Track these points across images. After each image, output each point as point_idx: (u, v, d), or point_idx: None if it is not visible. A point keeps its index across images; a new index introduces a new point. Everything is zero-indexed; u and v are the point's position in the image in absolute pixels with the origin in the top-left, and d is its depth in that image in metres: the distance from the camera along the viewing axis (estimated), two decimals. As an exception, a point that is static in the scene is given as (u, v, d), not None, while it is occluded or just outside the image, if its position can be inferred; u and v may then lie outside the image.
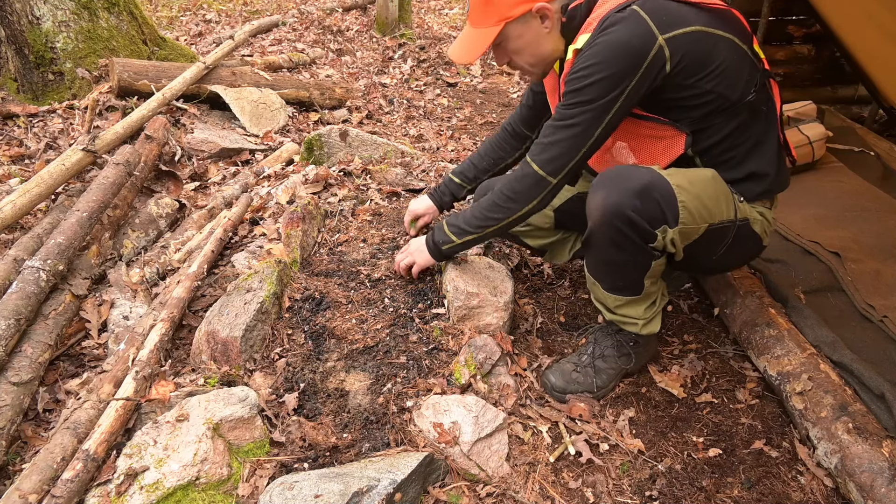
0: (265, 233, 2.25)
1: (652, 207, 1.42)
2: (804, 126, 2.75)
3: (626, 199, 1.42)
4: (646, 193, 1.42)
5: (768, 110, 1.57)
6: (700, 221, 1.49)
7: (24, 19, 3.38)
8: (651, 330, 1.70)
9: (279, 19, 5.93)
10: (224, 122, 3.53)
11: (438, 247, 1.79)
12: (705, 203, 1.49)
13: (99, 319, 1.93)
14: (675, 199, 1.44)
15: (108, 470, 1.34)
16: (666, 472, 1.55)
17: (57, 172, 2.35)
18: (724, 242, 1.60)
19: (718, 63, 1.43)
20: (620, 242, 1.48)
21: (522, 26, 1.51)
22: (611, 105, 1.42)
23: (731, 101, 1.48)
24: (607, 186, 1.46)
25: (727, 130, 1.53)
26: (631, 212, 1.42)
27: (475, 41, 1.53)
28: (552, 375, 1.73)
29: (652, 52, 1.37)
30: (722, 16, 1.49)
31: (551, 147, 1.49)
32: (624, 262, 1.55)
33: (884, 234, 2.28)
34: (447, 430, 1.49)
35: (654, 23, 1.37)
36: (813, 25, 3.21)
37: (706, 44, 1.43)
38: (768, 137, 1.58)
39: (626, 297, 1.63)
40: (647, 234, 1.45)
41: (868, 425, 1.46)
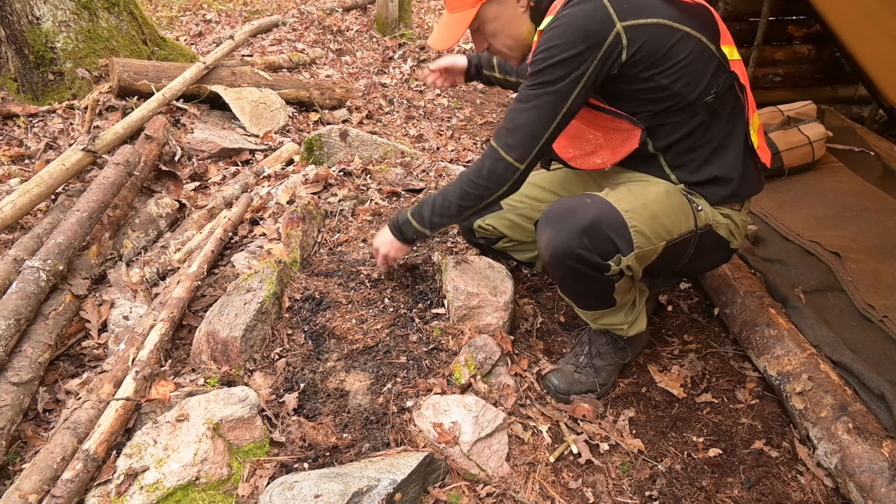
0: (265, 233, 2.25)
1: (601, 242, 1.42)
2: (804, 126, 2.75)
3: (574, 239, 1.42)
4: (593, 229, 1.42)
5: (733, 113, 1.54)
6: (657, 241, 1.49)
7: (24, 19, 3.38)
8: (638, 329, 1.69)
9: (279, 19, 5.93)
10: (224, 122, 3.53)
11: (403, 233, 1.75)
12: (661, 221, 1.48)
13: (99, 319, 1.93)
14: (625, 227, 1.43)
15: (108, 470, 1.34)
16: (666, 472, 1.55)
17: (57, 172, 2.35)
18: (687, 253, 1.59)
19: (679, 59, 1.42)
20: (575, 276, 1.49)
21: (498, 6, 1.51)
22: (572, 88, 1.40)
23: (689, 101, 1.46)
24: (554, 225, 1.46)
25: (686, 130, 1.52)
26: (580, 250, 1.42)
27: (453, 25, 1.53)
28: (555, 378, 1.73)
29: (609, 37, 1.36)
30: (691, 11, 1.47)
31: (516, 132, 1.48)
32: (586, 289, 1.57)
33: (884, 234, 2.28)
34: (447, 430, 1.49)
35: (614, 9, 1.37)
36: (813, 25, 3.21)
37: (667, 38, 1.41)
38: (731, 141, 1.55)
39: (601, 310, 1.63)
40: (599, 266, 1.45)
41: (868, 425, 1.46)
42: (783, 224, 2.43)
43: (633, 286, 1.66)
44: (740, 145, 1.56)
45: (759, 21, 3.09)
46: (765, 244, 2.36)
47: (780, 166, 2.71)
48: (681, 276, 1.91)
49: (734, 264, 2.12)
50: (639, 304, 1.69)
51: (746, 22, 3.16)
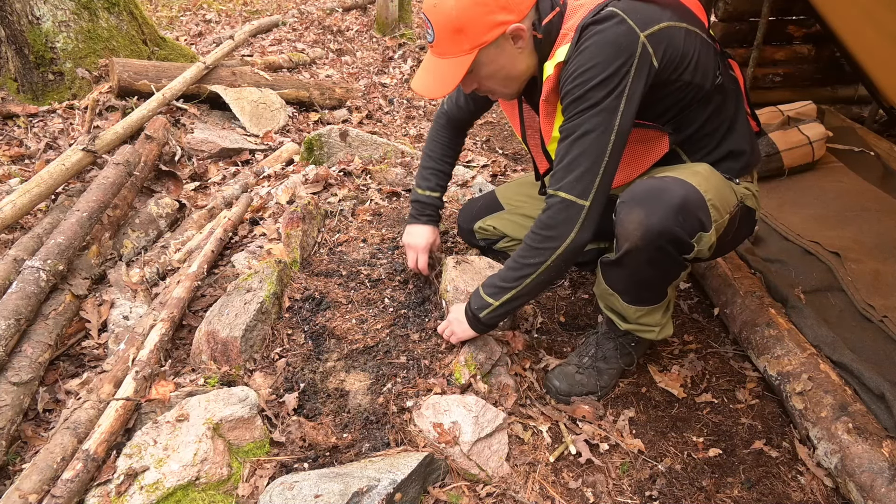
0: (265, 233, 2.25)
1: (691, 220, 1.39)
2: (804, 126, 2.75)
3: (670, 218, 1.36)
4: (686, 207, 1.37)
5: (735, 88, 1.59)
6: (724, 213, 1.50)
7: (24, 19, 3.38)
8: (666, 334, 1.68)
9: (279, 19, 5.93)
10: (224, 122, 3.53)
11: (476, 315, 1.59)
12: (723, 193, 1.50)
13: (99, 319, 1.93)
14: (705, 202, 1.41)
15: (108, 470, 1.34)
16: (666, 472, 1.55)
17: (57, 172, 2.35)
18: (733, 227, 1.60)
19: (692, 54, 1.42)
20: (660, 260, 1.44)
21: (496, 50, 1.41)
22: (617, 104, 1.34)
23: (706, 90, 1.48)
24: (646, 205, 1.38)
25: (704, 117, 1.53)
26: (676, 228, 1.37)
27: (448, 72, 1.41)
28: (556, 379, 1.73)
29: (639, 49, 1.33)
30: (680, 9, 1.47)
31: (571, 166, 1.38)
32: (657, 276, 1.53)
33: (884, 234, 2.28)
34: (447, 430, 1.49)
35: (633, 22, 1.34)
36: (813, 25, 3.21)
37: (679, 37, 1.41)
38: (739, 115, 1.59)
39: (648, 306, 1.61)
40: (686, 246, 1.42)
41: (868, 425, 1.46)
42: (783, 224, 2.43)
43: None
44: (745, 116, 1.61)
45: (759, 21, 3.09)
46: (765, 244, 2.36)
47: (780, 166, 2.72)
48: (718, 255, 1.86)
49: (734, 264, 2.12)
50: (671, 307, 1.69)
51: (746, 22, 3.16)
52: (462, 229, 2.10)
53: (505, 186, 2.08)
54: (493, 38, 1.37)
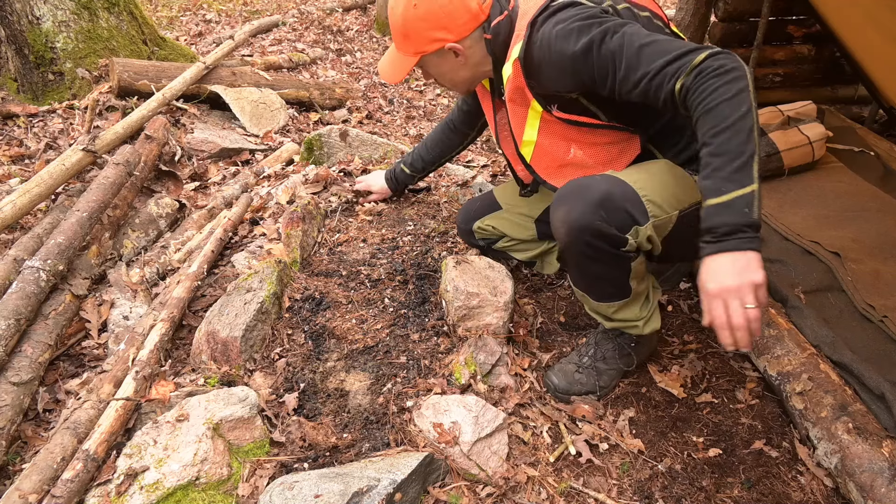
0: (265, 233, 2.25)
1: (617, 213, 1.42)
2: (804, 126, 2.75)
3: (590, 212, 1.40)
4: (608, 201, 1.41)
5: None
6: (670, 210, 1.50)
7: (24, 19, 3.38)
8: (653, 327, 1.69)
9: (279, 19, 5.93)
10: (224, 122, 3.53)
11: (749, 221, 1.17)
12: (671, 191, 1.50)
13: (99, 319, 1.93)
14: (638, 198, 1.44)
15: (108, 470, 1.35)
16: (666, 472, 1.55)
17: (57, 172, 2.35)
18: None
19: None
20: (593, 255, 1.47)
21: (438, 58, 1.59)
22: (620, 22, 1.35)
23: None
24: (568, 201, 1.45)
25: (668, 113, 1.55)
26: (598, 222, 1.41)
27: (398, 65, 1.62)
28: (555, 377, 1.74)
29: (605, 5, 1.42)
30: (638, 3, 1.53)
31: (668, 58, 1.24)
32: (604, 272, 1.55)
33: (884, 234, 2.28)
34: (447, 430, 1.49)
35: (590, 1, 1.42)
36: (813, 25, 3.21)
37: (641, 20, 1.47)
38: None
39: (616, 301, 1.62)
40: (618, 240, 1.44)
41: (868, 425, 1.46)
42: (783, 224, 2.43)
43: (647, 276, 1.66)
44: None
45: (759, 21, 3.09)
46: (765, 244, 2.36)
47: (780, 166, 2.71)
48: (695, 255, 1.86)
49: (734, 264, 2.12)
50: (652, 300, 1.69)
51: (746, 22, 3.16)
52: (461, 230, 2.10)
53: (503, 186, 2.08)
54: (433, 50, 1.56)
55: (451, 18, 1.52)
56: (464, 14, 1.52)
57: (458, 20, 1.52)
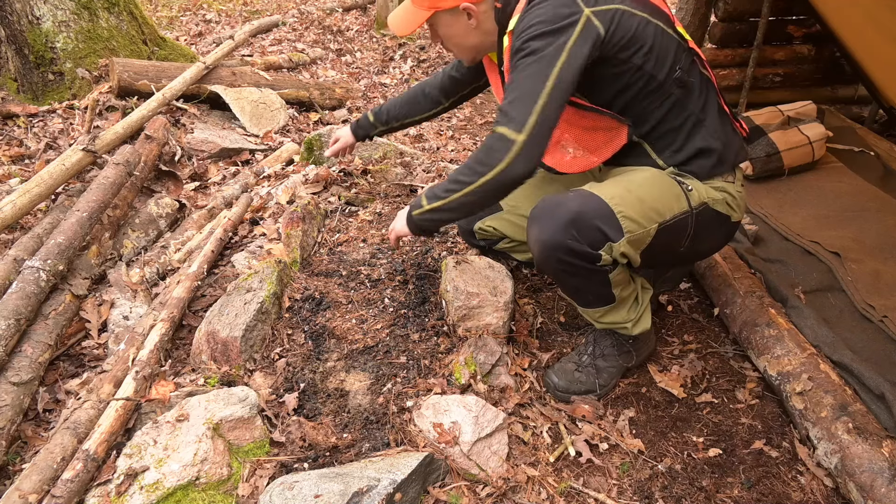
0: (265, 233, 2.25)
1: (589, 231, 1.44)
2: (804, 126, 2.75)
3: (561, 231, 1.43)
4: (579, 220, 1.43)
5: (701, 85, 1.58)
6: (648, 224, 1.50)
7: (24, 19, 3.38)
8: (643, 328, 1.70)
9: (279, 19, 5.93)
10: (224, 122, 3.53)
11: (410, 213, 1.67)
12: (650, 205, 1.50)
13: (99, 319, 1.93)
14: (612, 214, 1.45)
15: (108, 470, 1.34)
16: (666, 472, 1.55)
17: (57, 172, 2.35)
18: (686, 234, 1.59)
19: (645, 42, 1.47)
20: (569, 270, 1.50)
21: (451, 17, 1.59)
22: (557, 53, 1.39)
23: (660, 80, 1.50)
24: (540, 221, 1.48)
25: (663, 110, 1.55)
26: (569, 241, 1.44)
27: (409, 17, 1.61)
28: (554, 375, 1.74)
29: (581, 20, 1.40)
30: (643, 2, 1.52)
31: (509, 106, 1.44)
32: (582, 284, 1.57)
33: (884, 234, 2.28)
34: (447, 430, 1.49)
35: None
36: (813, 25, 3.21)
37: (631, 22, 1.46)
38: (707, 113, 1.58)
39: (601, 307, 1.64)
40: (591, 256, 1.46)
41: (868, 425, 1.46)
42: (783, 224, 2.43)
43: (633, 281, 1.66)
44: (715, 113, 1.60)
45: (759, 21, 3.09)
46: (765, 244, 2.36)
47: (780, 166, 2.72)
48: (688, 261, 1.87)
49: (734, 264, 2.12)
50: (642, 302, 1.70)
51: (746, 22, 3.16)
52: (463, 230, 2.10)
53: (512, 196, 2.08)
54: (449, 7, 1.56)
55: None
56: None
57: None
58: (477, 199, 1.53)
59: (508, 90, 1.45)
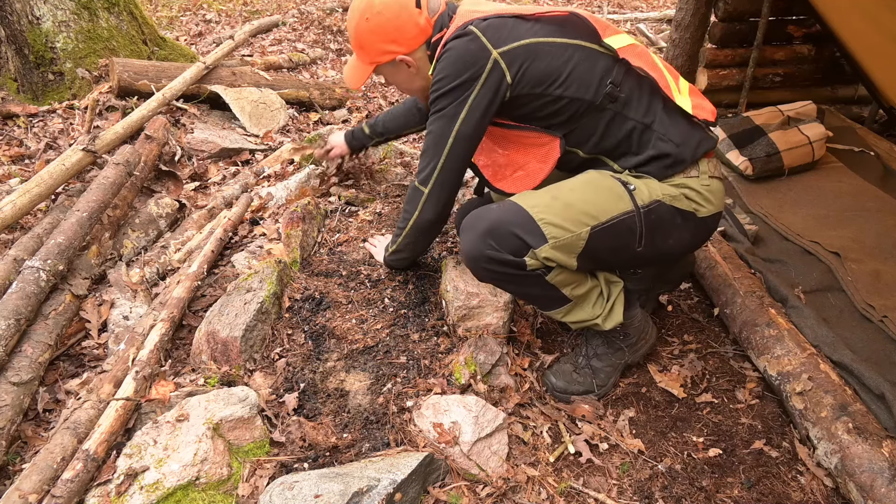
0: (265, 233, 2.25)
1: (506, 239, 1.47)
2: (804, 126, 2.75)
3: (478, 243, 1.49)
4: (495, 230, 1.47)
5: (640, 93, 1.55)
6: (577, 228, 1.48)
7: (24, 19, 3.38)
8: (615, 321, 1.66)
9: (279, 19, 5.93)
10: (224, 122, 3.52)
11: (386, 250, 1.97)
12: (579, 208, 1.48)
13: (99, 319, 1.93)
14: (532, 221, 1.46)
15: (108, 470, 1.34)
16: (666, 472, 1.55)
17: (57, 172, 2.35)
18: (637, 233, 1.54)
19: (563, 70, 1.50)
20: (501, 278, 1.54)
21: (392, 68, 1.69)
22: (457, 111, 1.53)
23: (589, 101, 1.52)
24: (463, 234, 1.55)
25: (602, 126, 1.55)
26: (487, 251, 1.48)
27: (357, 72, 1.71)
28: (553, 377, 1.74)
29: (488, 65, 1.48)
30: (562, 22, 1.55)
31: (421, 158, 1.66)
32: (523, 290, 1.60)
33: (884, 234, 2.28)
34: (447, 430, 1.49)
35: (488, 40, 1.48)
36: (813, 25, 3.21)
37: (546, 54, 1.50)
38: (653, 118, 1.54)
39: (558, 308, 1.63)
40: (515, 263, 1.48)
41: (868, 425, 1.46)
42: (783, 224, 2.43)
43: (587, 279, 1.63)
44: (663, 115, 1.55)
45: (759, 21, 3.09)
46: (765, 244, 2.36)
47: (780, 166, 2.72)
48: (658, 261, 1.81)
49: (734, 264, 2.12)
50: (609, 297, 1.66)
51: (746, 22, 3.16)
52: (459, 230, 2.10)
53: None
54: (386, 61, 1.66)
55: (400, 32, 1.60)
56: (412, 28, 1.61)
57: (407, 34, 1.61)
58: (412, 240, 1.84)
59: (424, 143, 1.65)
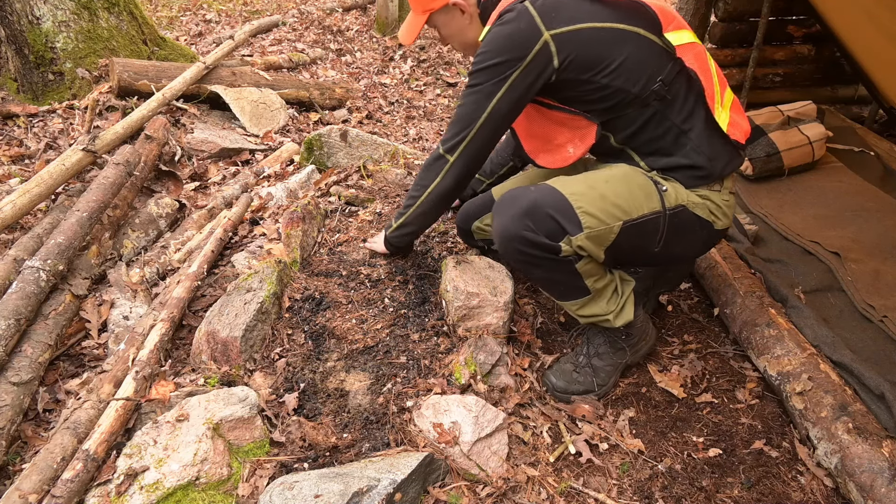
0: (265, 233, 2.25)
1: (544, 222, 1.46)
2: (804, 126, 2.75)
3: (516, 222, 1.47)
4: (534, 211, 1.46)
5: (687, 97, 1.54)
6: (611, 221, 1.49)
7: (24, 19, 3.38)
8: (625, 319, 1.67)
9: (279, 19, 5.93)
10: (224, 122, 3.53)
11: (385, 232, 1.96)
12: (613, 201, 1.49)
13: (99, 319, 1.93)
14: (571, 208, 1.46)
15: (108, 470, 1.34)
16: (666, 472, 1.55)
17: (57, 172, 2.35)
18: (659, 234, 1.56)
19: (615, 58, 1.47)
20: (530, 260, 1.52)
21: (446, 16, 1.68)
22: (494, 90, 1.51)
23: (634, 94, 1.50)
24: (499, 212, 1.53)
25: (641, 121, 1.54)
26: (524, 232, 1.46)
27: (411, 25, 1.73)
28: (553, 376, 1.74)
29: (536, 46, 1.45)
30: (625, 8, 1.52)
31: (449, 127, 1.64)
32: (549, 275, 1.58)
33: (884, 234, 2.28)
34: (447, 430, 1.49)
35: (541, 19, 1.45)
36: (813, 25, 3.21)
37: (600, 40, 1.47)
38: (692, 125, 1.54)
39: (579, 299, 1.63)
40: (549, 247, 1.47)
41: (868, 425, 1.46)
42: (783, 224, 2.43)
43: (606, 273, 1.64)
44: (701, 128, 1.56)
45: (759, 21, 3.09)
46: (765, 244, 2.36)
47: (780, 166, 2.72)
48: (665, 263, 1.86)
49: (734, 264, 2.12)
50: (622, 294, 1.67)
51: (746, 22, 3.16)
52: (460, 230, 2.10)
53: (501, 186, 2.08)
54: (440, 6, 1.65)
55: None
56: None
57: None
58: (426, 210, 1.79)
59: (455, 111, 1.62)
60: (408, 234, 1.92)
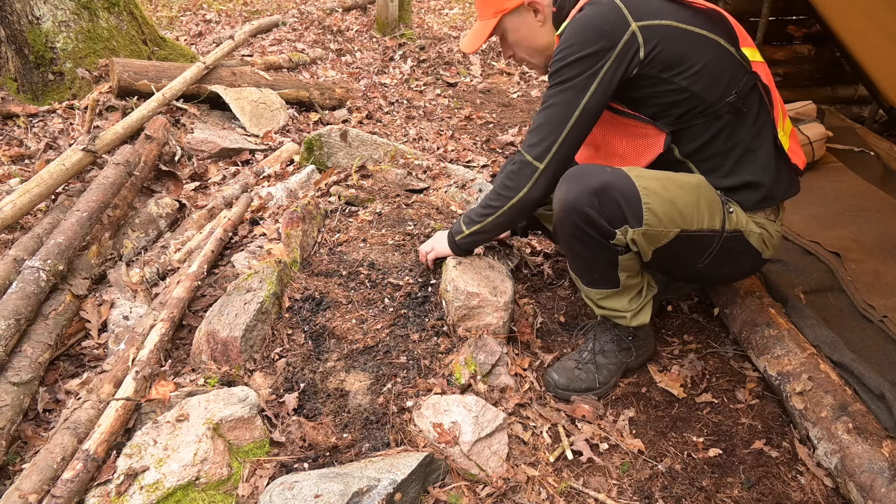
0: (265, 233, 2.25)
1: (610, 205, 1.44)
2: (804, 126, 2.75)
3: (584, 197, 1.44)
4: (605, 191, 1.43)
5: (759, 114, 1.54)
6: (670, 225, 1.48)
7: (24, 19, 3.38)
8: (641, 321, 1.68)
9: (279, 19, 5.93)
10: (224, 122, 3.52)
11: (453, 237, 1.83)
12: (679, 208, 1.48)
13: (99, 319, 1.93)
14: (639, 200, 1.44)
15: (108, 470, 1.34)
16: (666, 472, 1.55)
17: (57, 172, 2.35)
18: (708, 252, 1.57)
19: (696, 61, 1.44)
20: (581, 237, 1.50)
21: (518, 18, 1.61)
22: (587, 83, 1.44)
23: (710, 103, 1.47)
24: (569, 182, 1.49)
25: (710, 133, 1.52)
26: (588, 208, 1.44)
27: (478, 32, 1.65)
28: (555, 373, 1.74)
29: (625, 36, 1.40)
30: (706, 15, 1.50)
31: (535, 131, 1.53)
32: (591, 256, 1.56)
33: (884, 234, 2.28)
34: (447, 430, 1.49)
35: (628, 10, 1.42)
36: (813, 25, 3.21)
37: (683, 40, 1.44)
38: (760, 143, 1.54)
39: (606, 290, 1.63)
40: (605, 231, 1.46)
41: (868, 425, 1.46)
42: (783, 224, 2.43)
43: (640, 273, 1.65)
44: (770, 147, 1.55)
45: (759, 21, 3.09)
46: (765, 244, 2.36)
47: (780, 166, 2.71)
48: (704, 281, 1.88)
49: (734, 264, 2.12)
50: (644, 295, 1.68)
51: (746, 22, 3.16)
52: None
53: None
54: (514, 7, 1.58)
55: None
56: None
57: None
58: (506, 219, 1.68)
59: (539, 111, 1.52)
60: (479, 242, 1.86)
